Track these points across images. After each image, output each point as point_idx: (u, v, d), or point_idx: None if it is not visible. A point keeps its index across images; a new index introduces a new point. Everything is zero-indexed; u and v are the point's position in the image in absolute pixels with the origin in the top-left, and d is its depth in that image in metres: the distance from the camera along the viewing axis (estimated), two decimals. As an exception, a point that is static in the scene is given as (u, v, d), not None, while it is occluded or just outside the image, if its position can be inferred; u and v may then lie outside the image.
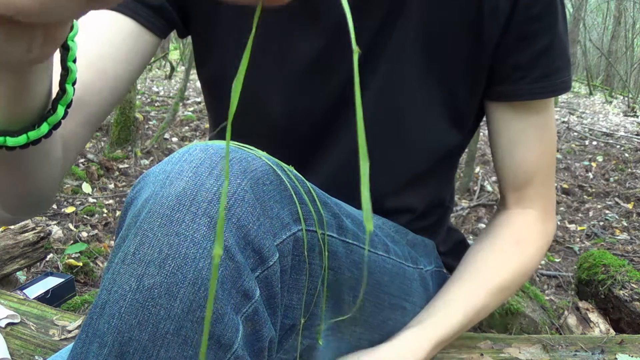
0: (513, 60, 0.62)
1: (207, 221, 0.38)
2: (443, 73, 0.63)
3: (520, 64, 0.62)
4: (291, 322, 0.47)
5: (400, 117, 0.64)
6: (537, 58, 0.62)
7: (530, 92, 0.63)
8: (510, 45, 0.61)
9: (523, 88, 0.63)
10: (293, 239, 0.44)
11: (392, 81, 0.63)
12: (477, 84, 0.65)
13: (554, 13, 0.61)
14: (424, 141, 0.67)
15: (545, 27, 0.61)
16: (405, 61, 0.62)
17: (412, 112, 0.64)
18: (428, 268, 0.72)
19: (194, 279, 0.36)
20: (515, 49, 0.61)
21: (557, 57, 0.63)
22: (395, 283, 0.61)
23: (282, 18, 0.62)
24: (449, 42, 0.62)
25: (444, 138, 0.67)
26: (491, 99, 0.67)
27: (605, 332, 1.51)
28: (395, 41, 0.61)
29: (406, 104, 0.64)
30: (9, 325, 0.89)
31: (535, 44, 0.61)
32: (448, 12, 0.60)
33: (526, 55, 0.62)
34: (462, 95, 0.65)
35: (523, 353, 0.87)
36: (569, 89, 0.66)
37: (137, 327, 0.36)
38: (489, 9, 0.60)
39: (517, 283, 0.70)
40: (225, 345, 0.38)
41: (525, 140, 0.67)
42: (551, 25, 0.61)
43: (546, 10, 0.60)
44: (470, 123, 0.70)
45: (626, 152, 4.42)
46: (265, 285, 0.42)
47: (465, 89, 0.65)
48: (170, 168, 0.40)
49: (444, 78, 0.63)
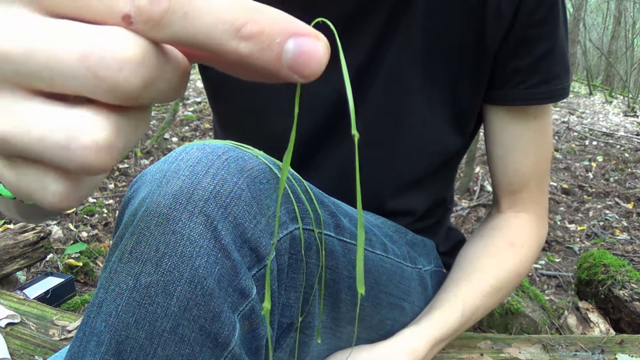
0: (513, 65, 0.62)
1: (203, 220, 0.38)
2: (445, 75, 0.63)
3: (520, 69, 0.62)
4: (288, 320, 0.47)
5: (402, 119, 0.64)
6: (537, 63, 0.62)
7: (529, 97, 0.64)
8: (512, 49, 0.61)
9: (522, 93, 0.63)
10: (290, 238, 0.44)
11: (394, 83, 0.63)
12: (478, 87, 0.64)
13: (556, 19, 0.61)
14: (425, 144, 0.67)
15: (546, 32, 0.61)
16: (408, 63, 0.62)
17: (414, 115, 0.64)
18: (427, 268, 0.72)
19: (191, 278, 0.37)
20: (516, 53, 0.62)
21: (557, 63, 0.63)
22: (393, 282, 0.61)
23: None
24: (452, 44, 0.61)
25: (445, 141, 0.67)
26: (489, 102, 0.67)
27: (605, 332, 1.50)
28: (398, 43, 0.61)
29: (408, 107, 0.64)
30: (9, 325, 0.89)
31: (536, 49, 0.61)
32: (451, 15, 0.60)
33: (526, 60, 0.62)
34: (463, 98, 0.65)
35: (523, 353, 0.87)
36: (567, 95, 0.66)
37: (134, 326, 0.36)
38: (492, 12, 0.59)
39: (512, 284, 0.70)
40: (222, 343, 0.38)
41: (521, 145, 0.68)
42: (552, 30, 0.61)
43: (548, 16, 0.60)
44: (472, 126, 0.70)
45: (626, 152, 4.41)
46: (262, 284, 0.42)
47: (467, 92, 0.64)
48: (167, 167, 0.40)
49: (445, 80, 0.63)
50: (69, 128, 0.19)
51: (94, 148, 0.19)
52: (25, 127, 0.19)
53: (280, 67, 0.19)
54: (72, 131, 0.19)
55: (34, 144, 0.19)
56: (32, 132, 0.19)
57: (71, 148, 0.19)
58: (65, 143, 0.19)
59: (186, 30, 0.19)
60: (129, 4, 0.18)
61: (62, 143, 0.19)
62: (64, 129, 0.19)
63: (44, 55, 0.19)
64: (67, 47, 0.18)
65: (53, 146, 0.19)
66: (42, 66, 0.19)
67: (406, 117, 0.64)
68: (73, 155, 0.19)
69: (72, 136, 0.19)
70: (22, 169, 0.21)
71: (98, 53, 0.18)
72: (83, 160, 0.19)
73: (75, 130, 0.19)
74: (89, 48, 0.18)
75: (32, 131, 0.19)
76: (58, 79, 0.19)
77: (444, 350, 0.90)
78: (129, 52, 0.18)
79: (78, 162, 0.19)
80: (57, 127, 0.19)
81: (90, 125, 0.19)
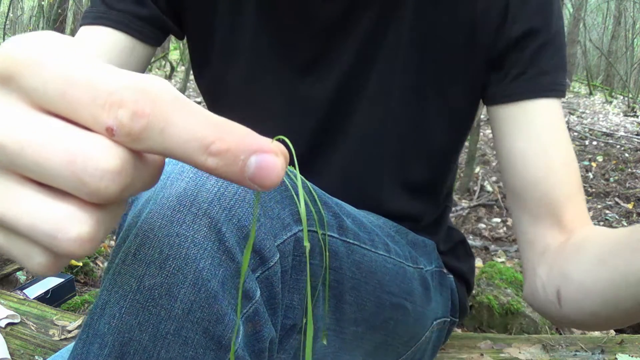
0: (508, 60, 0.61)
1: (207, 222, 0.38)
2: (437, 74, 0.63)
3: (516, 63, 0.61)
4: (292, 322, 0.47)
5: (395, 120, 0.64)
6: (533, 56, 0.60)
7: (528, 90, 0.61)
8: (504, 44, 0.60)
9: (521, 86, 0.61)
10: (294, 240, 0.44)
11: (387, 84, 0.63)
12: (472, 85, 0.64)
13: (549, 12, 0.60)
14: (420, 143, 0.66)
15: (539, 25, 0.60)
16: (400, 63, 0.62)
17: (408, 115, 0.64)
18: (428, 268, 0.72)
19: (195, 280, 0.36)
20: (508, 48, 0.61)
21: (554, 55, 0.61)
22: (396, 283, 0.61)
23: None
24: (442, 42, 0.61)
25: (439, 139, 0.67)
26: (491, 103, 0.64)
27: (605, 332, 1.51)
28: (389, 43, 0.61)
29: (401, 107, 0.64)
30: (9, 325, 0.89)
31: (531, 43, 0.60)
32: (441, 14, 0.60)
33: (521, 54, 0.61)
34: (456, 97, 0.65)
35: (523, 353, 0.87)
36: (565, 92, 0.62)
37: (137, 328, 0.36)
38: (482, 9, 0.59)
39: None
40: (226, 345, 0.38)
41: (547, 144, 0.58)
42: (545, 23, 0.60)
43: (540, 9, 0.59)
44: (466, 124, 0.69)
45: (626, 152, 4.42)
46: (266, 286, 0.42)
47: (460, 91, 0.64)
48: (170, 169, 0.40)
49: (437, 79, 0.63)
50: (56, 221, 0.22)
51: (78, 241, 0.22)
52: (17, 212, 0.22)
53: (243, 179, 0.21)
54: (59, 224, 0.22)
55: (23, 228, 0.22)
56: (23, 218, 0.22)
57: (58, 238, 0.22)
58: (52, 233, 0.22)
59: (162, 144, 0.21)
60: (112, 118, 0.21)
61: (49, 233, 0.22)
62: (52, 221, 0.22)
63: (34, 152, 0.21)
64: (56, 149, 0.21)
65: (41, 234, 0.22)
66: (33, 162, 0.21)
67: (399, 118, 0.64)
68: (59, 243, 0.22)
69: (59, 229, 0.21)
70: (11, 237, 0.23)
71: (82, 161, 0.21)
72: (67, 249, 0.22)
73: (62, 224, 0.22)
74: (75, 155, 0.21)
75: (23, 218, 0.22)
76: (46, 175, 0.21)
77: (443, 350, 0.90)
78: (110, 163, 0.21)
79: (63, 249, 0.22)
80: (46, 218, 0.22)
81: (75, 220, 0.22)
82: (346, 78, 0.63)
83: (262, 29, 0.64)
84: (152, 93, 0.21)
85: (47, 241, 0.22)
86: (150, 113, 0.21)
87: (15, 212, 0.22)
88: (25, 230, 0.22)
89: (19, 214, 0.22)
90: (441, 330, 0.76)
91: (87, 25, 0.63)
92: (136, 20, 0.62)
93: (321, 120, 0.66)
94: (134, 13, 0.62)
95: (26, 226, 0.22)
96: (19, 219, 0.22)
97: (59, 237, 0.22)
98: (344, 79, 0.64)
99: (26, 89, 0.22)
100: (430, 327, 0.71)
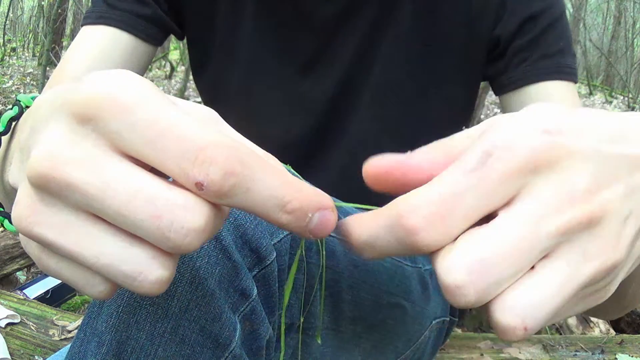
0: (512, 47, 0.61)
1: None
2: (438, 71, 0.63)
3: (519, 48, 0.60)
4: (289, 320, 0.47)
5: (396, 118, 0.65)
6: (535, 41, 0.60)
7: (532, 74, 0.60)
8: (506, 31, 0.60)
9: (525, 71, 0.60)
10: (290, 238, 0.44)
11: (386, 82, 0.63)
12: (472, 80, 0.64)
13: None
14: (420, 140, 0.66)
15: (539, 10, 0.59)
16: (399, 61, 0.62)
17: (408, 112, 0.64)
18: (427, 267, 0.72)
19: (191, 278, 0.37)
20: (511, 34, 0.60)
21: (557, 39, 0.60)
22: (394, 282, 0.61)
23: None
24: (443, 39, 0.61)
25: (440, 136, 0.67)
26: (499, 93, 0.64)
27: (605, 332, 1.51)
28: (388, 41, 0.61)
29: (401, 104, 0.64)
30: (9, 325, 0.89)
31: (533, 28, 0.60)
32: (440, 10, 0.60)
33: (523, 38, 0.60)
34: (457, 92, 0.65)
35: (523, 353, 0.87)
36: (576, 78, 0.61)
37: (134, 326, 0.36)
38: (480, 2, 0.59)
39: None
40: (223, 344, 0.38)
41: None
42: (546, 6, 0.60)
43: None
44: (467, 115, 0.70)
45: (626, 152, 4.41)
46: (262, 284, 0.42)
47: (460, 86, 0.64)
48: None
49: (438, 76, 0.63)
50: (137, 264, 0.22)
51: (157, 283, 0.22)
52: (95, 252, 0.22)
53: (305, 231, 0.22)
54: (139, 267, 0.22)
55: (100, 267, 0.22)
56: (101, 259, 0.22)
57: (138, 280, 0.22)
58: (132, 275, 0.22)
59: (245, 201, 0.21)
60: (204, 174, 0.20)
61: (129, 275, 0.22)
62: (133, 263, 0.22)
63: (119, 202, 0.21)
64: (142, 202, 0.21)
65: (120, 275, 0.22)
66: (115, 211, 0.21)
67: (399, 115, 0.64)
68: (138, 284, 0.22)
69: (140, 271, 0.22)
70: (77, 269, 0.23)
71: (169, 218, 0.21)
72: (146, 291, 0.22)
73: (142, 267, 0.22)
74: (162, 211, 0.21)
75: (101, 258, 0.22)
76: (128, 224, 0.21)
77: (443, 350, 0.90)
78: (196, 222, 0.21)
79: (142, 290, 0.22)
80: (126, 260, 0.22)
81: (157, 264, 0.22)
82: (346, 77, 0.63)
83: (262, 28, 0.64)
84: (241, 151, 0.21)
85: (124, 281, 0.22)
86: (240, 172, 0.21)
87: (93, 252, 0.22)
88: (101, 269, 0.22)
89: (97, 254, 0.22)
90: (440, 330, 0.76)
91: (89, 25, 0.63)
92: (139, 20, 0.62)
93: (321, 119, 0.66)
94: (137, 12, 0.62)
95: (104, 266, 0.22)
96: (98, 259, 0.22)
97: (139, 279, 0.22)
98: (344, 77, 0.64)
99: (109, 132, 0.21)
100: (429, 327, 0.71)
